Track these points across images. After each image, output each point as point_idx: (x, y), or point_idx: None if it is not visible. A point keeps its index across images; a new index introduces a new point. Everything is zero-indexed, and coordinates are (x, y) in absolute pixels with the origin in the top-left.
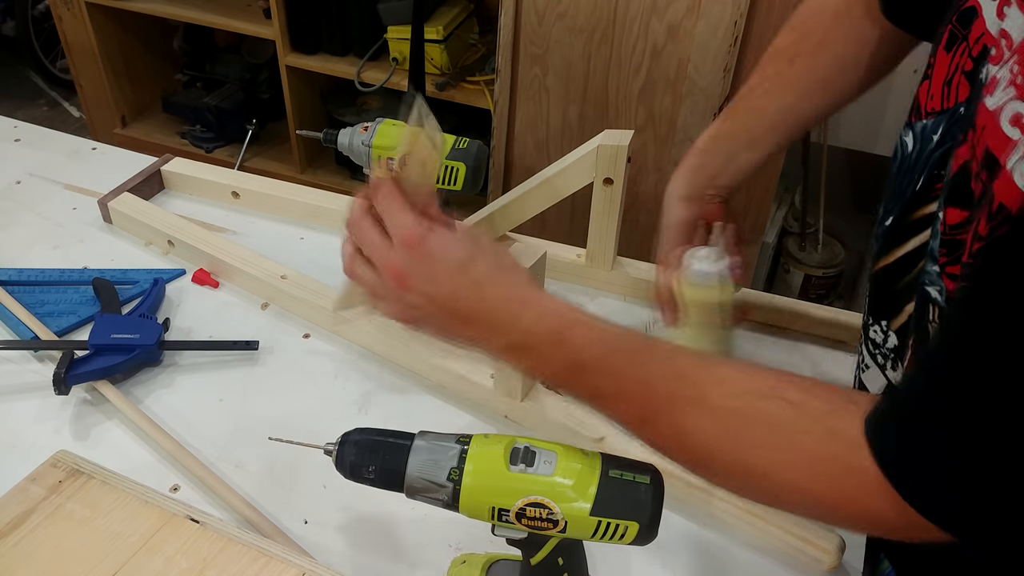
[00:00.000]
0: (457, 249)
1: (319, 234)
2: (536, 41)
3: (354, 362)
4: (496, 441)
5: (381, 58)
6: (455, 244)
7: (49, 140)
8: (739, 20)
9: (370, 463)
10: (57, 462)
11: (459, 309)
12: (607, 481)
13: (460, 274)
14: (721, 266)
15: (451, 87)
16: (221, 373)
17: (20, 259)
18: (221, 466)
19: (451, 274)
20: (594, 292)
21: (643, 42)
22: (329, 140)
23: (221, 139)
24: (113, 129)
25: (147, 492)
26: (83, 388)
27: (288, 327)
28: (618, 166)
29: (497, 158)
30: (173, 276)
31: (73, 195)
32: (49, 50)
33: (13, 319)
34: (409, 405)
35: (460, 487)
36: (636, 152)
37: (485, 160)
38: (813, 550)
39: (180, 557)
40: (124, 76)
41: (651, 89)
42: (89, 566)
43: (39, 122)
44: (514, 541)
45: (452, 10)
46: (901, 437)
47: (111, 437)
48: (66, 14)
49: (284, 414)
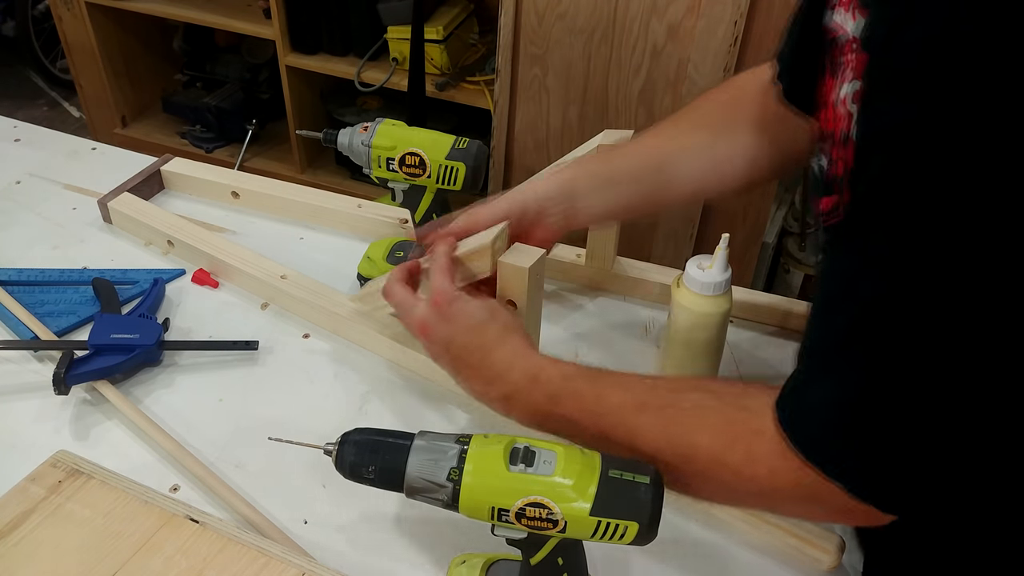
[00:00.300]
0: (475, 315)
1: (319, 234)
2: (536, 41)
3: (354, 362)
4: (496, 441)
5: (381, 58)
6: (474, 310)
7: (49, 140)
8: (739, 20)
9: (370, 463)
10: (57, 462)
11: (468, 362)
12: (607, 481)
13: (473, 334)
14: (724, 277)
15: (451, 87)
16: (221, 373)
17: (20, 259)
18: (221, 466)
19: (466, 333)
20: (594, 292)
21: (643, 42)
22: (329, 140)
23: (221, 139)
24: (113, 129)
25: (147, 492)
26: (83, 388)
27: (288, 327)
28: None
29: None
30: (173, 276)
31: (73, 195)
32: (49, 50)
33: (13, 319)
34: (409, 405)
35: (460, 487)
36: None
37: (485, 160)
38: (813, 550)
39: (180, 557)
40: (124, 76)
41: (651, 89)
42: (89, 566)
43: (39, 122)
44: (514, 541)
45: (452, 10)
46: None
47: (111, 437)
48: (66, 14)
49: (284, 414)
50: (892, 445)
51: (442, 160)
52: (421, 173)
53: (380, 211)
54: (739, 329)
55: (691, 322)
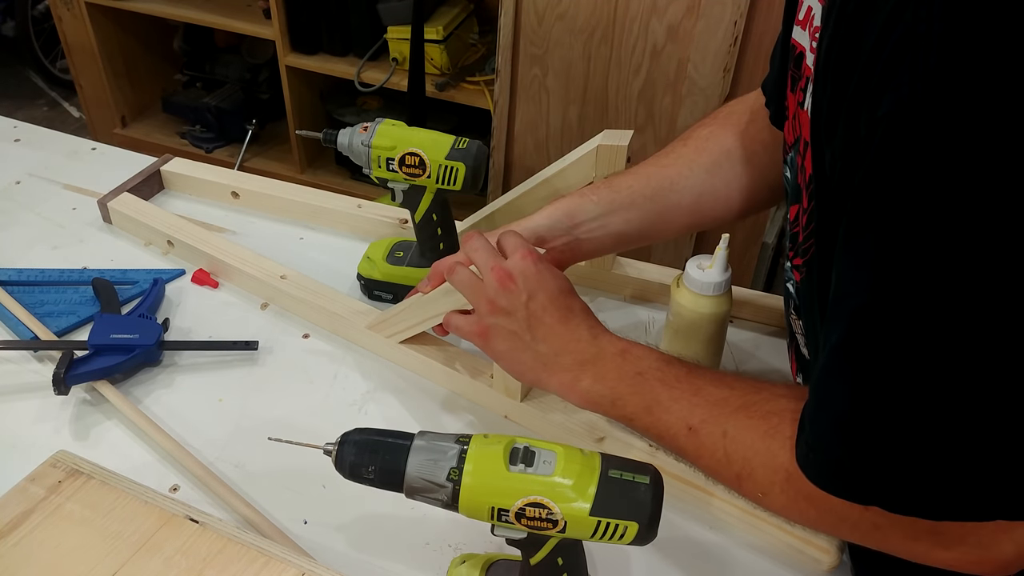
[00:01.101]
0: (563, 280)
1: (319, 234)
2: (536, 41)
3: (354, 362)
4: (496, 441)
5: (381, 58)
6: (562, 276)
7: (49, 140)
8: (739, 20)
9: (370, 463)
10: (57, 462)
11: (547, 320)
12: (607, 481)
13: (561, 296)
14: (724, 277)
15: (451, 87)
16: (221, 373)
17: (20, 259)
18: (221, 466)
19: (554, 292)
20: (594, 292)
21: (643, 42)
22: (329, 140)
23: (221, 139)
24: (113, 129)
25: (147, 492)
26: (83, 388)
27: (288, 327)
28: (618, 166)
29: (497, 158)
30: (173, 276)
31: (73, 195)
32: (49, 50)
33: (13, 319)
34: (409, 405)
35: (460, 487)
36: (636, 152)
37: (485, 160)
38: (813, 550)
39: (180, 557)
40: (124, 76)
41: (651, 89)
42: (89, 566)
43: (39, 122)
44: (514, 541)
45: (452, 10)
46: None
47: (111, 437)
48: (66, 14)
49: (284, 414)
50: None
51: (442, 160)
52: (421, 173)
53: (380, 211)
54: (739, 329)
55: (691, 322)
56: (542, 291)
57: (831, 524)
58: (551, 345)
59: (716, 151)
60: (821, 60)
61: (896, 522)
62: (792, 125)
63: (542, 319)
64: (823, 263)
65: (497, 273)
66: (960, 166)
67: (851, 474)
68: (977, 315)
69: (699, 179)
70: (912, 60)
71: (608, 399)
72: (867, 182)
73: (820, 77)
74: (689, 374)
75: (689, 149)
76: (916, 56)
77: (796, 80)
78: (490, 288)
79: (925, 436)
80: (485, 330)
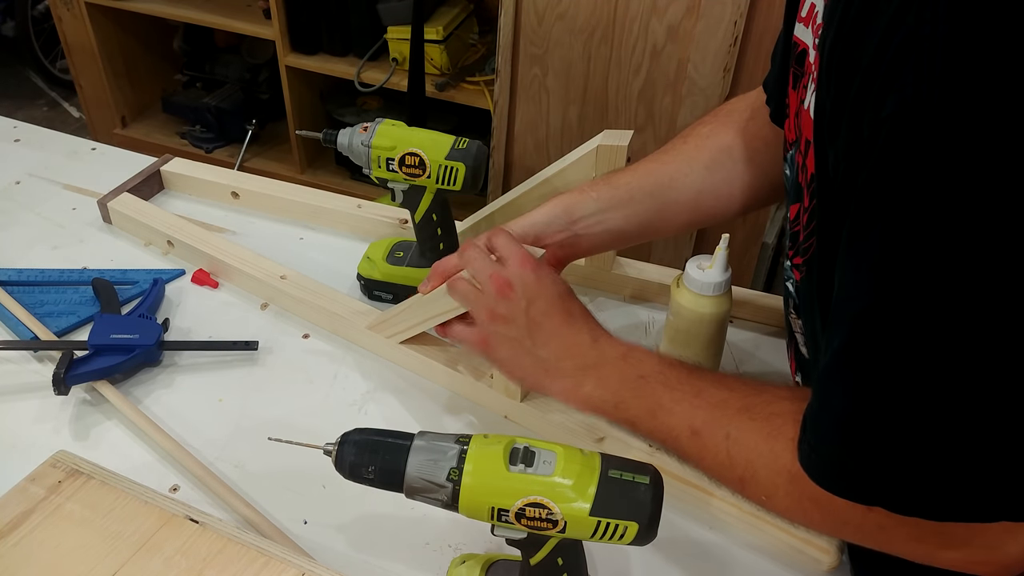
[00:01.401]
0: (562, 285)
1: (319, 234)
2: (536, 41)
3: (354, 362)
4: (496, 441)
5: (381, 58)
6: (561, 281)
7: (49, 140)
8: (739, 20)
9: (369, 463)
10: (57, 462)
11: (547, 326)
12: (607, 481)
13: (561, 300)
14: (724, 277)
15: (451, 87)
16: (221, 373)
17: (20, 259)
18: (221, 466)
19: (553, 297)
20: (594, 292)
21: (643, 42)
22: (329, 140)
23: (221, 139)
24: (113, 129)
25: (146, 492)
26: (83, 388)
27: (288, 327)
28: (618, 166)
29: (497, 158)
30: (173, 276)
31: (73, 195)
32: (49, 50)
33: (13, 319)
34: (409, 405)
35: (459, 487)
36: (636, 152)
37: (485, 160)
38: (813, 550)
39: (180, 557)
40: (124, 76)
41: (651, 89)
42: (89, 566)
43: (39, 122)
44: (514, 541)
45: (452, 10)
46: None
47: (111, 437)
48: (66, 14)
49: (284, 414)
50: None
51: (442, 160)
52: (421, 173)
53: (380, 211)
54: (739, 329)
55: (691, 322)
56: (541, 297)
57: (835, 526)
58: (552, 350)
59: (716, 148)
60: (824, 60)
61: (901, 523)
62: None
63: (542, 325)
64: (824, 262)
65: (496, 281)
66: (964, 168)
67: (855, 474)
68: (980, 316)
69: (699, 176)
70: (916, 62)
71: (611, 403)
72: (870, 183)
73: (823, 77)
74: (690, 376)
75: (689, 146)
76: (920, 58)
77: (798, 77)
78: (489, 297)
79: (929, 437)
80: (487, 339)
